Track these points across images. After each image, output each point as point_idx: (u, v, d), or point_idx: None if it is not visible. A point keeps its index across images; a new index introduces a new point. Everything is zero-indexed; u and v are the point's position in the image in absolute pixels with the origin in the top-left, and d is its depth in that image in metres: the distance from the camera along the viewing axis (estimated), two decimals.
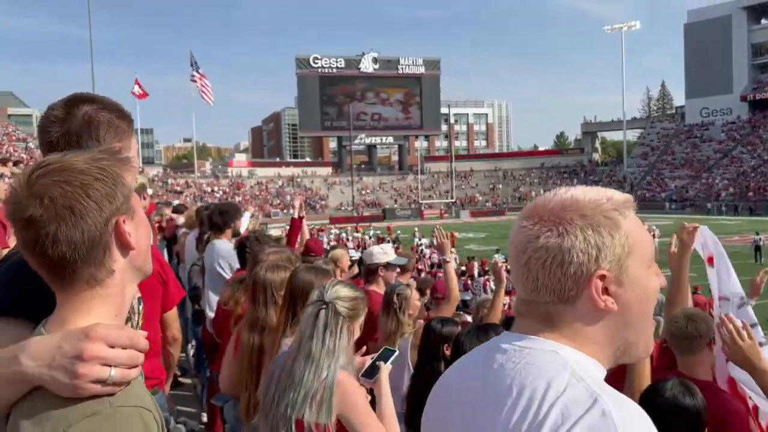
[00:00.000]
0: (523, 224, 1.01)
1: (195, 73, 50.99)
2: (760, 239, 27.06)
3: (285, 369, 2.18)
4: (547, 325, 1.00)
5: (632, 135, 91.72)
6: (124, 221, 1.03)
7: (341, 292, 2.22)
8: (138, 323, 1.70)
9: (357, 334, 2.31)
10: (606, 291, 0.96)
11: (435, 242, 4.43)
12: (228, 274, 4.46)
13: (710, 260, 3.07)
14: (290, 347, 2.25)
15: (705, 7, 77.42)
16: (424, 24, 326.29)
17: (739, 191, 60.34)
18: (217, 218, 4.87)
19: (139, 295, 1.58)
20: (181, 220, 7.30)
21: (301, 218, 5.62)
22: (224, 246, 4.70)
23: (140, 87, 54.23)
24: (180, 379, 6.31)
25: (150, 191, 5.32)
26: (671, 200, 64.06)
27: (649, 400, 2.14)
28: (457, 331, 3.06)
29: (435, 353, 3.06)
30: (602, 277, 0.95)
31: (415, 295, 3.69)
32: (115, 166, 1.04)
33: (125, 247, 1.04)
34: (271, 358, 2.46)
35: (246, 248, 4.01)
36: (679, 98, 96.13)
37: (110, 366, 0.93)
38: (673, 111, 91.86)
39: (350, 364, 2.24)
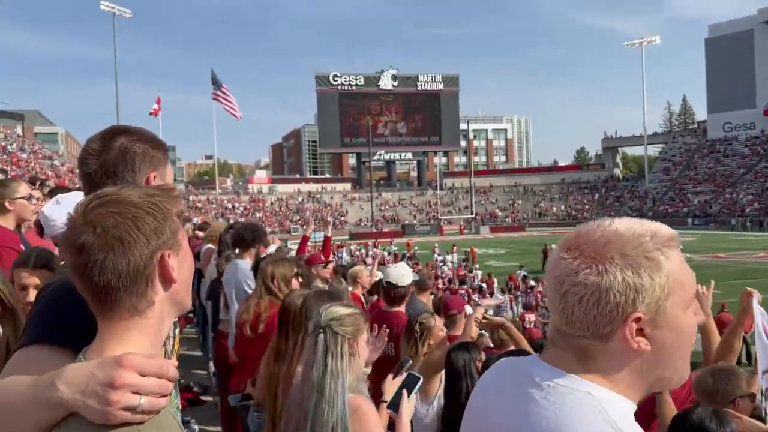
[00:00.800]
0: (563, 256, 1.00)
1: (218, 92, 51.35)
2: None
3: (296, 403, 2.16)
4: (580, 361, 1.00)
5: (653, 150, 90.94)
6: (169, 255, 1.07)
7: (336, 313, 2.17)
8: (173, 347, 1.73)
9: (364, 351, 2.26)
10: (641, 332, 0.96)
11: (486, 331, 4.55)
12: None
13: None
14: (298, 379, 2.24)
15: (726, 22, 76.76)
16: (443, 41, 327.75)
17: (763, 206, 59.31)
18: (248, 235, 4.89)
19: (176, 319, 1.66)
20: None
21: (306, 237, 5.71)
22: (248, 266, 4.73)
23: (157, 104, 54.92)
24: (201, 397, 6.34)
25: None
26: (694, 215, 63.18)
27: (677, 425, 2.16)
28: (482, 356, 3.09)
29: (459, 381, 3.08)
30: (637, 319, 0.94)
31: (439, 324, 3.65)
32: (166, 202, 1.09)
33: (168, 281, 1.09)
34: (285, 386, 2.47)
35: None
36: (700, 113, 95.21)
37: (140, 394, 0.96)
38: (695, 125, 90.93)
39: (361, 382, 2.21)
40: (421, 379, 2.52)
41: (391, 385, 2.44)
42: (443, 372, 3.28)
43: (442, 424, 3.16)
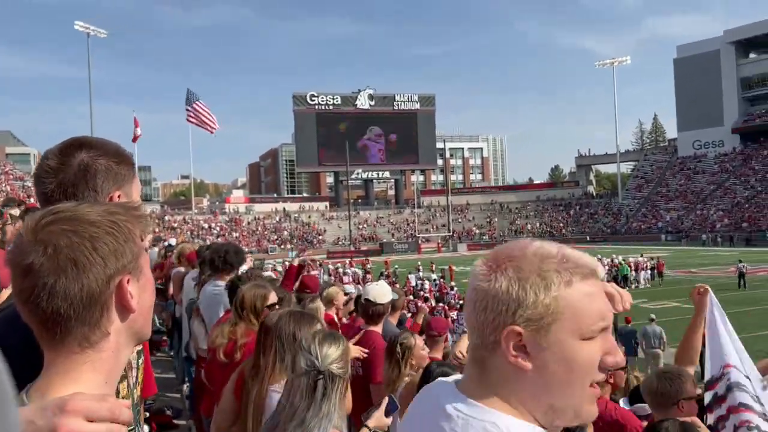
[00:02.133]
0: (478, 264, 1.02)
1: (190, 108, 50.44)
2: (743, 266, 27.95)
3: None
4: (480, 378, 1.00)
5: (626, 167, 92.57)
6: (128, 281, 0.96)
7: (332, 354, 2.09)
8: (137, 379, 1.56)
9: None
10: (524, 349, 0.95)
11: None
12: None
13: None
14: (278, 411, 2.16)
15: (694, 42, 78.86)
16: (420, 61, 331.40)
17: (733, 222, 60.58)
18: (231, 258, 4.81)
19: (140, 348, 1.48)
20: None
21: (300, 266, 5.68)
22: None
23: (137, 126, 54.39)
24: (174, 421, 6.27)
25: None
26: (667, 231, 64.24)
27: None
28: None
29: None
30: (519, 334, 0.94)
31: (420, 344, 3.64)
32: (129, 222, 0.98)
33: (126, 310, 0.97)
34: (258, 404, 2.47)
35: (236, 287, 4.01)
36: (671, 131, 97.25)
37: None
38: (666, 143, 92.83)
39: (343, 419, 2.16)
40: (398, 406, 2.53)
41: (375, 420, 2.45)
42: None
43: None
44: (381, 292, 4.22)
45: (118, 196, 1.45)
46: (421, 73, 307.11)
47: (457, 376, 1.09)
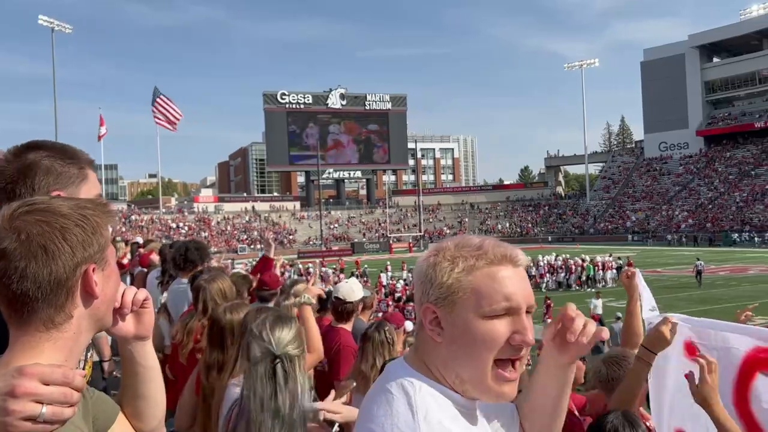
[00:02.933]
0: (425, 252, 1.21)
1: (155, 106, 49.50)
2: (700, 264, 29.01)
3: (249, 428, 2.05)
4: (417, 346, 1.19)
5: (594, 168, 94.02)
6: (93, 270, 1.04)
7: (285, 337, 2.08)
8: (85, 371, 1.64)
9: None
10: (438, 323, 1.12)
11: None
12: None
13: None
14: (244, 402, 2.10)
15: (660, 46, 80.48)
16: (392, 63, 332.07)
17: (698, 222, 61.98)
18: (193, 255, 4.74)
19: (90, 342, 1.56)
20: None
21: (271, 259, 5.61)
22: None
23: (102, 125, 53.48)
24: None
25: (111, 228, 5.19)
26: (633, 232, 65.42)
27: None
28: None
29: None
30: (433, 310, 1.12)
31: (400, 339, 3.61)
32: (97, 216, 1.06)
33: (89, 296, 1.05)
34: (218, 399, 2.40)
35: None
36: (638, 133, 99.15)
37: (42, 403, 0.92)
38: (633, 145, 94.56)
39: (310, 392, 2.15)
40: None
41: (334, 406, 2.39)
42: None
43: None
44: (351, 289, 4.22)
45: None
46: (393, 74, 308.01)
47: None
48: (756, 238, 52.07)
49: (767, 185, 62.47)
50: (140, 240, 10.80)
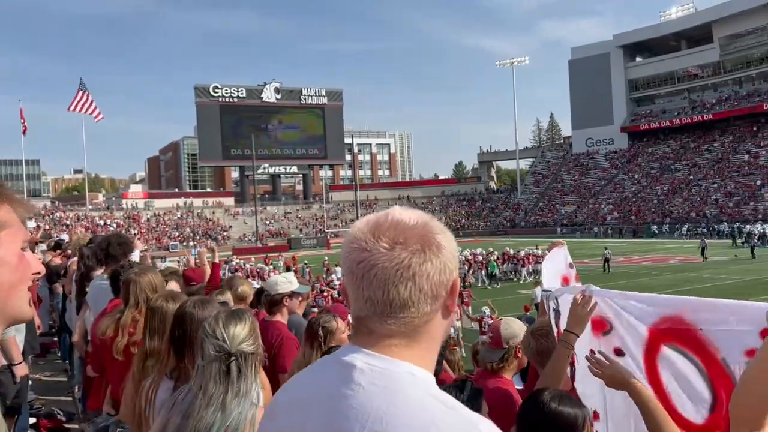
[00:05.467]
0: None
1: (78, 94, 48.08)
2: (608, 253, 31.41)
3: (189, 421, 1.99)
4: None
5: (525, 164, 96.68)
6: None
7: (240, 334, 1.99)
8: None
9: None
10: None
11: None
12: None
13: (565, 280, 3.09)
14: (191, 399, 2.03)
15: (586, 45, 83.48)
16: (326, 58, 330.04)
17: (622, 215, 64.79)
18: (115, 250, 4.60)
19: None
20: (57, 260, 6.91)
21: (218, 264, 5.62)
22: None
23: (22, 119, 50.97)
24: (65, 425, 5.91)
25: (33, 224, 4.97)
26: (562, 224, 67.73)
27: (527, 410, 2.13)
28: None
29: None
30: None
31: (342, 327, 3.63)
32: None
33: None
34: (151, 386, 2.37)
35: (119, 276, 3.83)
36: (566, 129, 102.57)
37: None
38: (561, 141, 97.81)
39: (260, 394, 2.09)
40: None
41: None
42: None
43: None
44: (280, 281, 4.23)
45: None
46: (328, 69, 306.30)
47: None
48: (677, 230, 54.68)
49: (686, 179, 65.98)
50: (66, 237, 10.38)
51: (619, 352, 2.42)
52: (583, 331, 2.44)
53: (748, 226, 44.89)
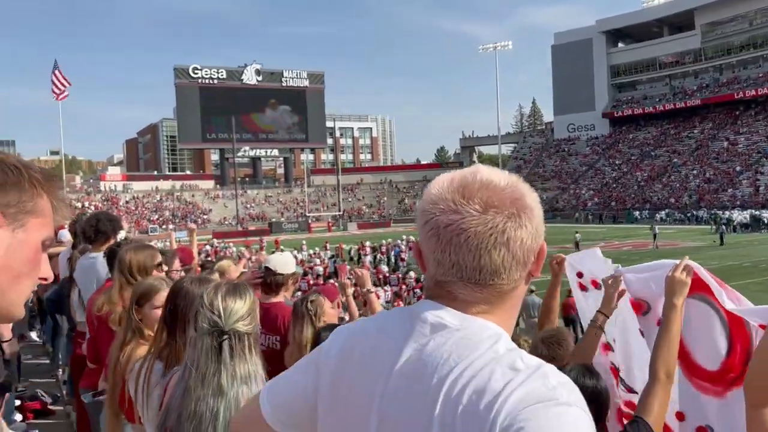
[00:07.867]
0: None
1: (54, 81, 48.19)
2: (578, 237, 33.80)
3: (184, 411, 1.85)
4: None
5: (507, 149, 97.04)
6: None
7: (238, 310, 1.85)
8: None
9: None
10: None
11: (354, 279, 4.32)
12: None
13: (594, 284, 2.86)
14: (184, 375, 1.90)
15: (569, 30, 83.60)
16: (308, 40, 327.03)
17: (602, 201, 65.37)
18: (105, 226, 4.43)
19: None
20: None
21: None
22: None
23: None
24: (49, 407, 5.75)
25: None
26: (544, 210, 67.63)
27: None
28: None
29: None
30: None
31: (328, 303, 3.53)
32: (37, 177, 0.90)
33: None
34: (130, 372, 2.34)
35: (115, 254, 3.69)
36: (548, 114, 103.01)
37: None
38: (543, 126, 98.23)
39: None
40: None
41: None
42: None
43: None
44: (284, 261, 4.04)
45: None
46: (309, 52, 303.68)
47: None
48: (658, 216, 55.24)
49: (666, 165, 66.66)
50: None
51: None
52: (611, 311, 2.46)
53: (727, 213, 45.47)
